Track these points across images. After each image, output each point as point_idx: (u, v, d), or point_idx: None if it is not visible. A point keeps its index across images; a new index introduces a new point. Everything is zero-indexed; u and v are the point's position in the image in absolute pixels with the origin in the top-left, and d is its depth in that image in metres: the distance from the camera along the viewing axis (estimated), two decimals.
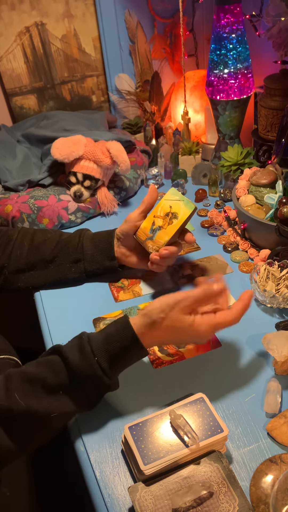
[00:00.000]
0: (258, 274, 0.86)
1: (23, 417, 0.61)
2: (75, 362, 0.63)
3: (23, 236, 0.94)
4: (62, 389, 0.63)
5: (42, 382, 0.63)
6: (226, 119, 1.20)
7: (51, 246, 0.91)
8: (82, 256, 0.91)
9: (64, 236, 0.93)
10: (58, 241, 0.92)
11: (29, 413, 0.61)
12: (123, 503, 0.58)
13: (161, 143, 1.43)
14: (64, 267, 0.91)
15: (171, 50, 1.54)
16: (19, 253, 0.91)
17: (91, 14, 1.40)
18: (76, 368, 0.63)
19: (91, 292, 0.92)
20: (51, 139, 1.17)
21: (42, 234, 0.94)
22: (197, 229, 1.10)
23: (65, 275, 0.92)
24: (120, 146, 1.14)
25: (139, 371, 0.75)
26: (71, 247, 0.91)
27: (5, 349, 0.81)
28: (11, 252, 0.91)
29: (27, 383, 0.62)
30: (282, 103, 1.10)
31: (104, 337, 0.66)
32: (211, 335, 0.69)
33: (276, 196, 0.92)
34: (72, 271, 0.91)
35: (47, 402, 0.62)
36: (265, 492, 0.57)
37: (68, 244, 0.91)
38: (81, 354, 0.64)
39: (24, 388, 0.62)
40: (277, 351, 0.69)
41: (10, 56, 1.35)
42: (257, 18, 1.18)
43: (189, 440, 0.58)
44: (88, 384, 0.64)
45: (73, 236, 0.93)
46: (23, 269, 0.91)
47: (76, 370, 0.63)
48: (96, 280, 0.94)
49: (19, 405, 0.60)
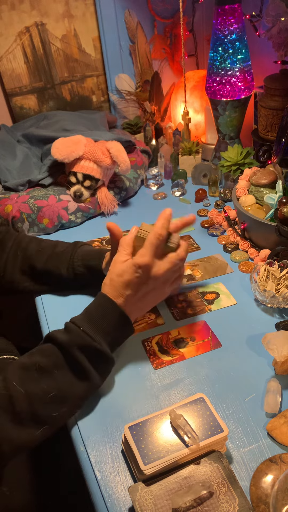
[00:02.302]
0: (258, 274, 0.86)
1: (24, 402, 0.62)
2: (63, 338, 0.67)
3: (17, 244, 0.93)
4: (56, 368, 0.66)
5: (36, 366, 0.65)
6: (226, 119, 1.20)
7: (43, 258, 0.90)
8: (73, 276, 0.89)
9: (57, 250, 0.91)
10: (51, 254, 0.90)
11: (30, 397, 0.62)
12: (123, 503, 0.58)
13: (161, 143, 1.43)
14: (56, 283, 0.91)
15: (171, 50, 1.54)
16: (14, 263, 0.91)
17: (91, 14, 1.40)
18: (65, 343, 0.67)
19: (91, 293, 0.92)
20: (51, 139, 1.17)
21: (36, 244, 0.93)
22: (197, 229, 1.10)
23: (57, 289, 0.92)
24: (120, 146, 1.14)
25: (139, 371, 0.75)
26: (63, 264, 0.89)
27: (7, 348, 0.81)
28: (6, 261, 0.91)
29: (23, 370, 0.65)
30: (282, 103, 1.10)
31: (84, 312, 0.72)
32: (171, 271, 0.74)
33: (276, 196, 0.92)
34: (63, 288, 0.92)
35: (45, 383, 0.64)
36: (265, 492, 0.57)
37: (60, 259, 0.90)
38: (67, 331, 0.69)
39: (20, 375, 0.64)
40: (277, 351, 0.69)
41: (10, 56, 1.35)
42: (257, 18, 1.18)
43: (189, 440, 0.58)
44: (81, 356, 0.66)
45: (66, 252, 0.90)
46: (19, 279, 0.91)
47: (65, 345, 0.67)
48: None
49: (18, 391, 0.62)
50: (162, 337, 0.81)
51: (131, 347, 0.80)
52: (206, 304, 0.88)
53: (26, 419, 0.62)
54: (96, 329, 0.69)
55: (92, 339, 0.67)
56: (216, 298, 0.89)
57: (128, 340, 0.81)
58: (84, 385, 0.67)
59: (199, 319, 0.84)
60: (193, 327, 0.83)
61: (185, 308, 0.87)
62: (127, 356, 0.78)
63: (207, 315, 0.85)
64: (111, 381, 0.74)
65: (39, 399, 0.63)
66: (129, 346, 0.80)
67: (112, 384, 0.73)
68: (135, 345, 0.80)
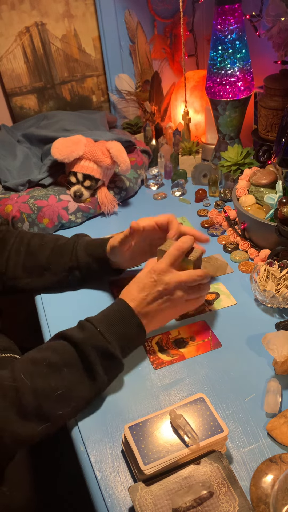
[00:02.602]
0: (258, 274, 0.86)
1: (30, 396, 0.62)
2: (79, 336, 0.67)
3: (20, 241, 0.93)
4: (66, 366, 0.65)
5: (46, 361, 0.65)
6: (226, 119, 1.20)
7: (46, 252, 0.90)
8: (77, 265, 0.89)
9: (60, 242, 0.92)
10: (53, 247, 0.91)
11: (37, 392, 0.62)
12: (123, 503, 0.58)
13: (161, 143, 1.43)
14: (60, 275, 0.90)
15: (171, 50, 1.54)
16: (16, 259, 0.90)
17: (91, 14, 1.40)
18: (81, 341, 0.67)
19: (92, 293, 0.92)
20: (51, 139, 1.17)
21: (38, 239, 0.93)
22: (197, 229, 1.10)
23: (61, 282, 0.91)
24: (120, 146, 1.14)
25: (139, 371, 0.75)
26: (66, 255, 0.90)
27: (10, 347, 0.82)
28: (8, 258, 0.91)
29: (32, 365, 0.65)
30: (282, 103, 1.10)
31: (101, 314, 0.73)
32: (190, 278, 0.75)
33: (276, 196, 0.92)
34: (69, 279, 0.91)
35: (53, 380, 0.64)
36: (265, 492, 0.57)
37: (63, 251, 0.90)
38: (82, 329, 0.69)
39: (29, 369, 0.64)
40: (277, 351, 0.69)
41: (10, 56, 1.35)
42: (257, 18, 1.18)
43: (189, 440, 0.58)
44: (94, 356, 0.66)
45: (68, 244, 0.91)
46: (21, 275, 0.90)
47: (80, 343, 0.67)
48: (97, 282, 0.94)
49: (26, 384, 0.62)
50: (162, 337, 0.81)
51: None
52: (206, 304, 0.87)
53: (31, 413, 0.62)
54: (112, 332, 0.69)
55: (107, 342, 0.68)
56: (216, 298, 0.89)
57: None
58: (91, 386, 0.67)
59: (199, 319, 0.84)
60: (193, 327, 0.83)
61: None
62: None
63: (207, 315, 0.85)
64: None
65: (46, 395, 0.63)
66: None
67: (112, 384, 0.73)
68: None
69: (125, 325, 0.71)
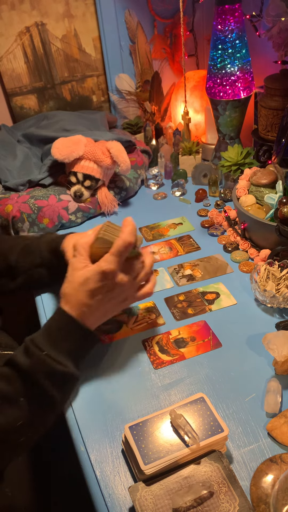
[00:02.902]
0: (258, 274, 0.86)
1: None
2: (25, 364, 0.63)
3: None
4: (21, 395, 0.62)
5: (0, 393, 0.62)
6: (226, 119, 1.20)
7: (15, 252, 0.86)
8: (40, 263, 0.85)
9: (27, 241, 0.88)
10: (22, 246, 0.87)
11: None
12: (124, 503, 0.58)
13: (161, 143, 1.43)
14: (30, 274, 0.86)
15: (171, 50, 1.54)
16: None
17: (91, 14, 1.40)
18: (28, 370, 0.63)
19: None
20: (52, 139, 1.17)
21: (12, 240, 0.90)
22: (197, 229, 1.10)
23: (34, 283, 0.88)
24: (120, 146, 1.14)
25: (139, 371, 0.75)
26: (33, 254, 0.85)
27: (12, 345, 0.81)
28: None
29: None
30: (282, 103, 1.10)
31: (44, 331, 0.67)
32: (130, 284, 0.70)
33: (276, 196, 0.92)
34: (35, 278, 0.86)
35: (11, 415, 0.61)
36: (265, 492, 0.57)
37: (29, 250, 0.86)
38: (28, 355, 0.64)
39: None
40: (277, 351, 0.69)
41: (10, 56, 1.35)
42: (257, 18, 1.18)
43: (189, 440, 0.58)
44: (46, 382, 0.63)
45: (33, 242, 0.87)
46: None
47: (29, 371, 0.63)
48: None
49: None
50: (162, 337, 0.81)
51: (131, 347, 0.80)
52: (206, 304, 0.88)
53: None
54: (59, 350, 0.65)
55: (56, 362, 0.64)
56: (216, 298, 0.89)
57: (128, 340, 0.81)
58: (52, 409, 0.66)
59: (199, 319, 0.84)
60: (193, 327, 0.83)
61: (185, 308, 0.87)
62: (127, 356, 0.78)
63: (207, 315, 0.85)
64: (111, 381, 0.74)
65: (5, 431, 0.60)
66: (129, 346, 0.80)
67: (112, 384, 0.73)
68: (135, 345, 0.80)
69: (72, 339, 0.67)
